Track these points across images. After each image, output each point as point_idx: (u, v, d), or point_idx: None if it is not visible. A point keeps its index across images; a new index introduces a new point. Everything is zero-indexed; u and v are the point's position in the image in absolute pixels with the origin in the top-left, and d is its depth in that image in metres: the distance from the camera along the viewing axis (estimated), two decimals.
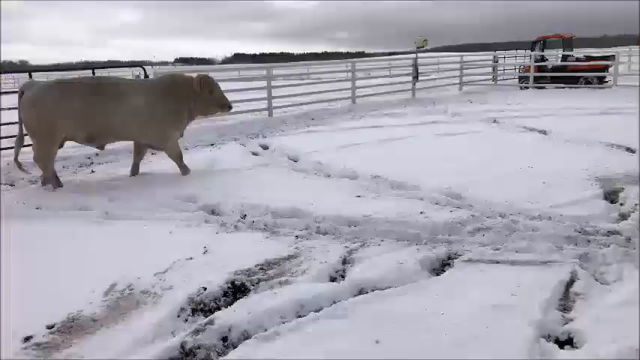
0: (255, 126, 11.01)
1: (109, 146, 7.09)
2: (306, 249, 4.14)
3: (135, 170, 6.91)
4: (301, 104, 13.71)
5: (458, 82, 18.25)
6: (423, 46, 17.82)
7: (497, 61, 22.09)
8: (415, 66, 16.14)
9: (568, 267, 3.67)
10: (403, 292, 3.39)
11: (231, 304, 3.36)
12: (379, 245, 4.17)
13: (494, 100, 14.80)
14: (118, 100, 6.23)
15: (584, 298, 3.26)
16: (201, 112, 6.94)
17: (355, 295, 3.37)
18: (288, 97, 13.70)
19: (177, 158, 6.80)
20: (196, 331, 3.02)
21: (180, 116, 6.68)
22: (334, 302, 3.28)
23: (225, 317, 3.14)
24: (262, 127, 10.91)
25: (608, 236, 4.24)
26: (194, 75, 6.80)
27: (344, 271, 3.78)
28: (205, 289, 3.50)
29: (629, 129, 8.76)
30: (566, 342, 2.85)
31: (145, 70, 10.54)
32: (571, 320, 3.02)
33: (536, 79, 17.51)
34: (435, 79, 19.50)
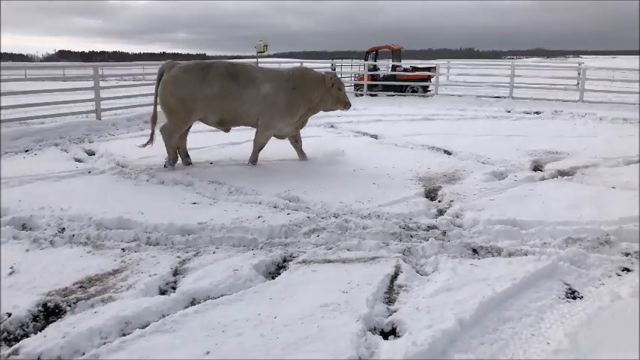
0: (79, 130, 9.99)
1: None
2: (134, 262, 3.86)
3: (302, 156, 7.40)
4: (135, 106, 12.89)
5: None
6: (264, 52, 17.93)
7: (334, 69, 23.20)
8: None
9: (393, 261, 3.91)
10: (237, 299, 3.31)
11: (42, 329, 2.97)
12: (214, 253, 4.05)
13: None
14: (251, 86, 6.63)
15: (406, 290, 3.50)
16: (326, 107, 7.25)
17: (186, 307, 3.21)
18: (121, 98, 12.89)
19: (259, 148, 7.07)
20: None
21: (294, 111, 6.91)
22: (163, 316, 3.08)
23: (33, 344, 2.77)
24: (89, 131, 9.98)
25: (427, 231, 4.62)
26: (322, 72, 7.30)
27: (175, 282, 3.59)
28: (10, 315, 3.06)
29: (447, 134, 9.79)
30: (390, 332, 3.02)
31: None
32: (395, 311, 3.20)
33: (370, 87, 18.75)
34: None
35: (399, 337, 2.94)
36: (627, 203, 5.29)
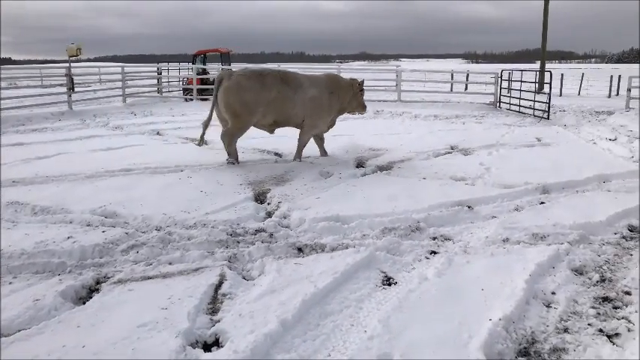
0: None
1: None
2: None
3: (323, 153, 8.15)
4: None
5: (121, 93, 17.55)
6: (77, 55, 16.48)
7: (160, 73, 22.25)
8: (69, 76, 14.73)
9: (218, 270, 3.79)
10: (38, 333, 2.93)
11: None
12: (10, 284, 3.54)
13: (159, 112, 14.82)
14: (300, 90, 7.43)
15: (231, 297, 3.41)
16: (351, 109, 8.25)
17: None
18: None
19: (304, 145, 7.85)
20: None
21: (332, 111, 7.91)
22: None
23: None
24: None
25: (255, 235, 4.58)
26: (349, 79, 8.22)
27: None
28: None
29: (277, 136, 9.84)
30: (213, 344, 2.90)
31: None
32: (218, 321, 3.10)
33: (200, 91, 18.29)
34: (96, 90, 18.36)
35: (221, 347, 2.84)
36: (435, 192, 5.85)
